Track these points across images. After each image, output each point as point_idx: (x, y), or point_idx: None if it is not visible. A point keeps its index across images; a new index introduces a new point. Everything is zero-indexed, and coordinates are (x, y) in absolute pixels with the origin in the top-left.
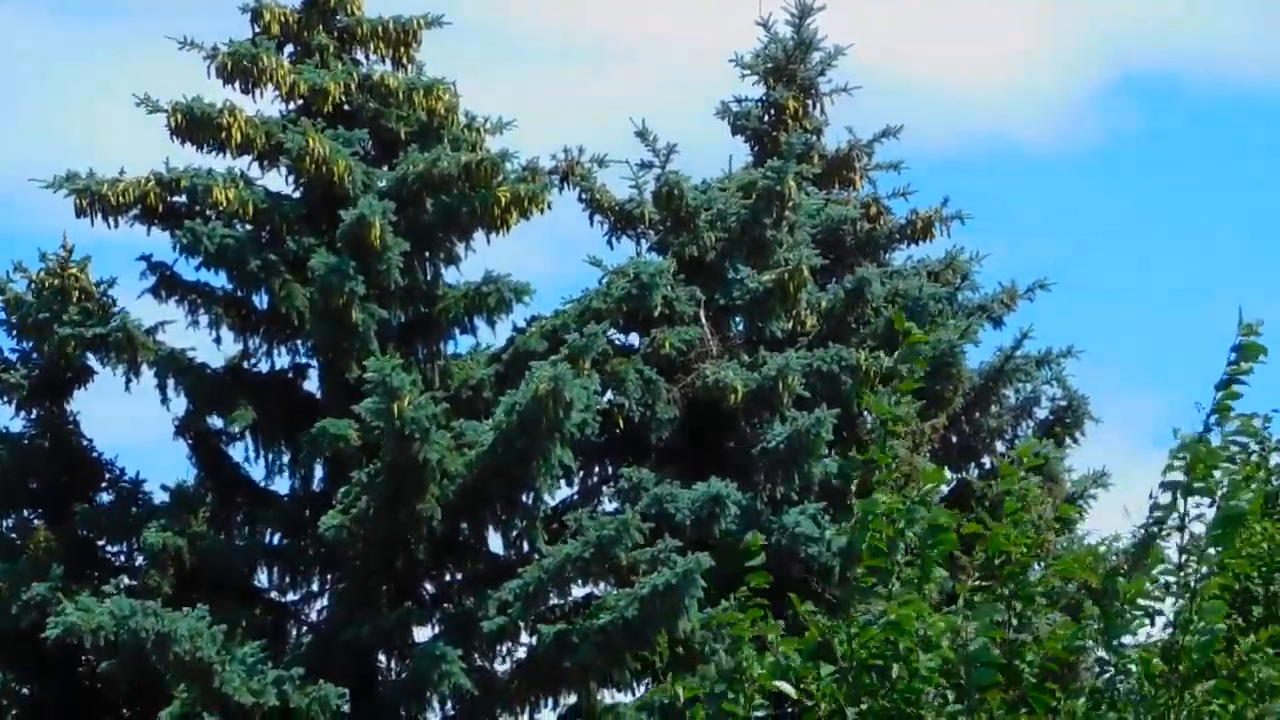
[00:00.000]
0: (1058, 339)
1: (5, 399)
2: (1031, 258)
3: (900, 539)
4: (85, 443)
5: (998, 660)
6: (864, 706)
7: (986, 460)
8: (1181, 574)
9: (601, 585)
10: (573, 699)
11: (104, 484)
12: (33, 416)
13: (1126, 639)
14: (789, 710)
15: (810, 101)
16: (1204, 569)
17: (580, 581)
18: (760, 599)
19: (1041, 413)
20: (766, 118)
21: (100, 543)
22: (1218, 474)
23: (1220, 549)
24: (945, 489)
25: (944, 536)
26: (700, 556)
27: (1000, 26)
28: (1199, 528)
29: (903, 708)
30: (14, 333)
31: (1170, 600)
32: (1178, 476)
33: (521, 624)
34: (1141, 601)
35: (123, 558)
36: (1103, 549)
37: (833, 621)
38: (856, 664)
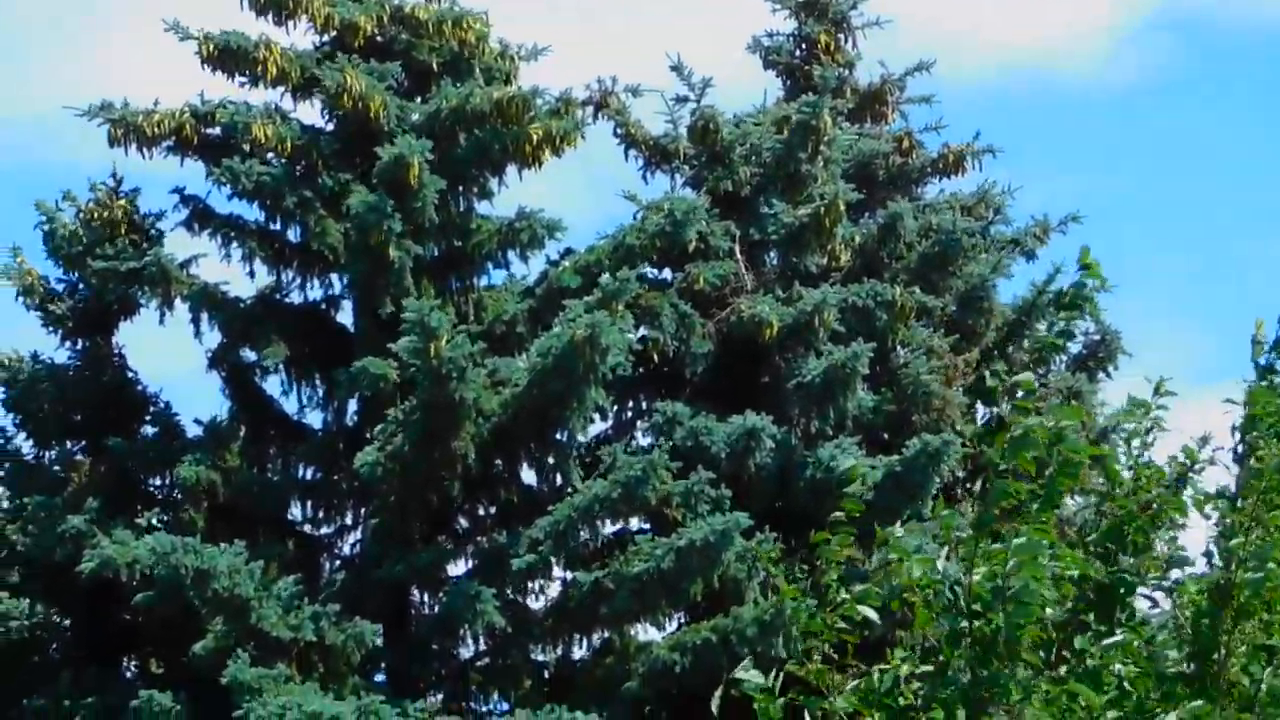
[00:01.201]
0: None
1: (51, 329)
2: (1070, 191)
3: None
4: (129, 375)
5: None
6: (976, 625)
7: (1020, 394)
8: (1238, 507)
9: (635, 521)
10: (606, 634)
11: (147, 417)
12: (78, 348)
13: (1175, 573)
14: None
15: (842, 35)
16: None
17: (610, 519)
18: (849, 526)
19: (1074, 347)
20: (798, 52)
21: (140, 476)
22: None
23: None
24: (978, 422)
25: (1075, 469)
26: (739, 516)
27: None
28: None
29: (1014, 633)
30: (60, 263)
31: (1214, 536)
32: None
33: (552, 560)
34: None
35: (161, 492)
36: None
37: (967, 536)
38: (979, 582)
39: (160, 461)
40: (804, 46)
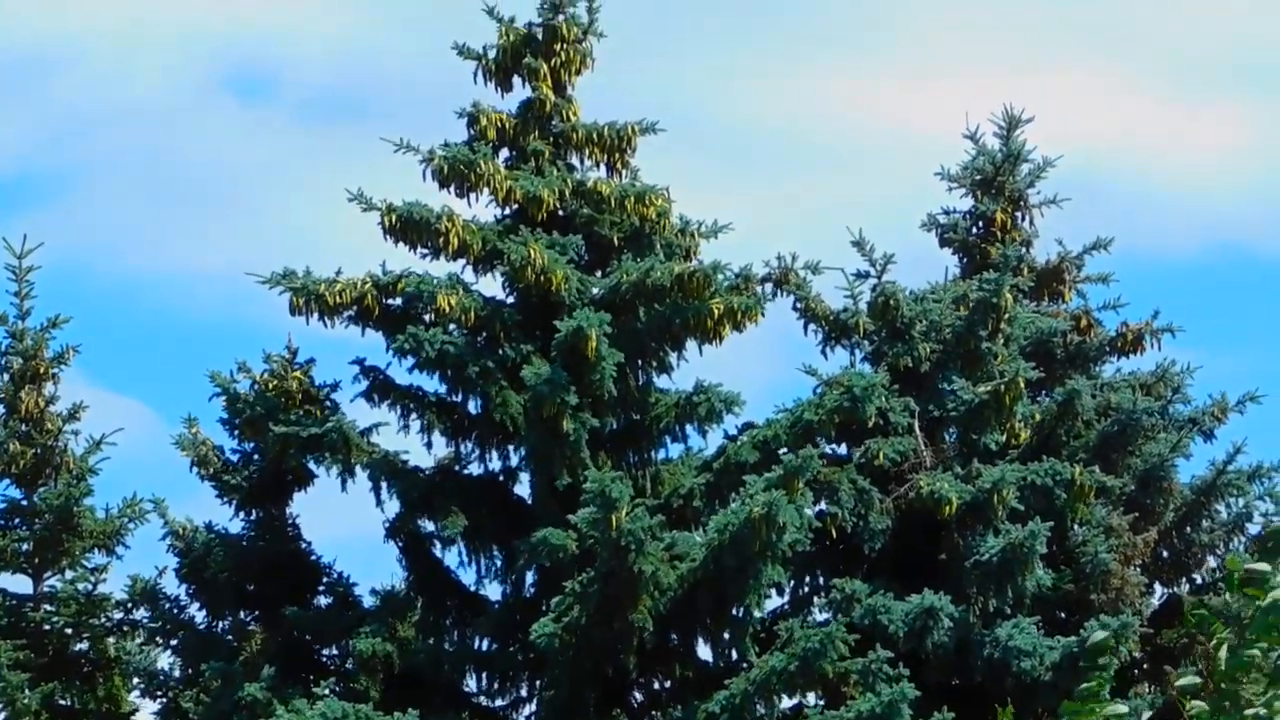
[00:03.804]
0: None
1: (225, 500)
2: (1263, 367)
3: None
4: (304, 545)
5: None
6: None
7: (1198, 576)
8: None
9: (811, 695)
10: None
11: (321, 587)
12: (252, 518)
13: None
14: None
15: (1019, 213)
16: None
17: (787, 694)
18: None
19: (1254, 528)
20: (975, 230)
21: (314, 645)
22: None
23: None
24: (1155, 603)
25: None
26: (905, 687)
27: (1225, 130)
28: None
29: None
30: (234, 432)
31: None
32: None
33: None
34: None
35: (335, 661)
36: None
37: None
38: None
39: (335, 631)
40: (981, 224)
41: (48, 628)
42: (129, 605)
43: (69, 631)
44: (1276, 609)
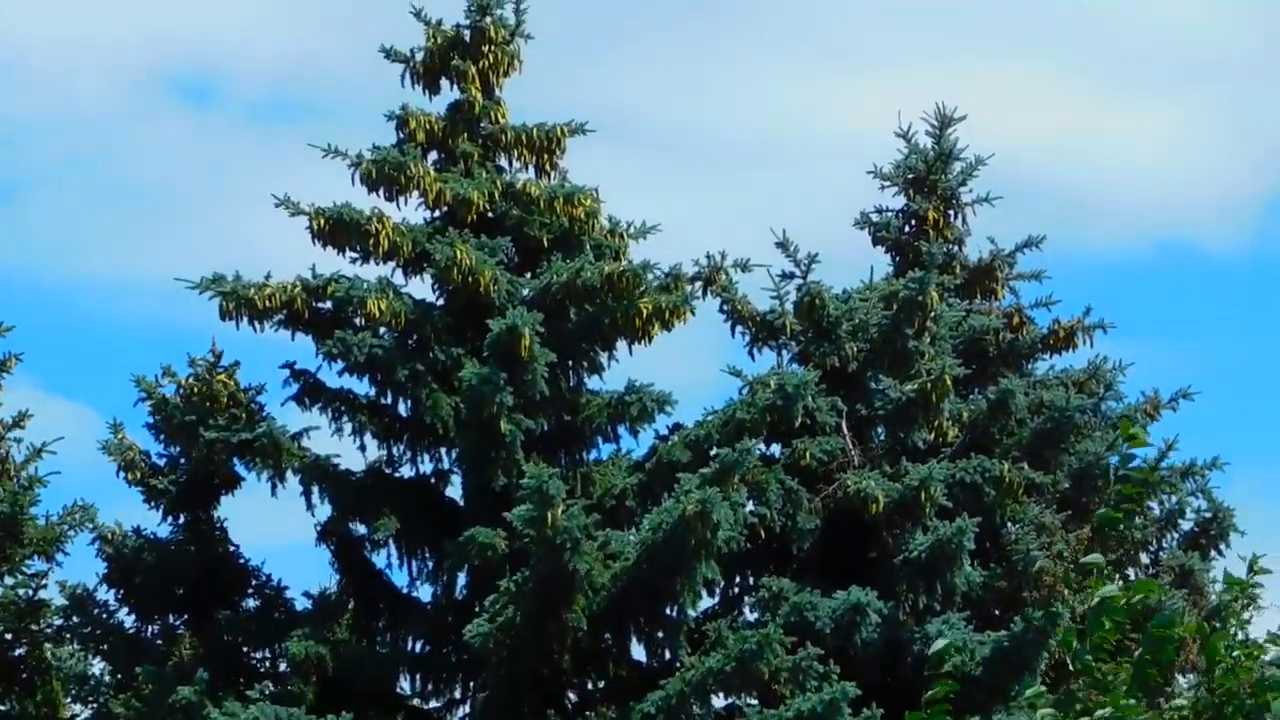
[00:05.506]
0: (1218, 448)
1: (152, 504)
2: (1209, 363)
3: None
4: (232, 549)
5: None
6: None
7: (1131, 572)
8: None
9: (744, 695)
10: None
11: (250, 590)
12: (180, 522)
13: None
14: None
15: (952, 211)
16: None
17: (723, 694)
18: (945, 704)
19: (1186, 524)
20: (907, 228)
21: (244, 649)
22: None
23: None
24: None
25: (1166, 644)
26: (846, 685)
27: (1163, 126)
28: None
29: None
30: (161, 437)
31: None
32: None
33: None
34: None
35: (266, 664)
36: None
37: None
38: None
39: (265, 634)
40: (913, 223)
41: None
42: (68, 611)
43: (9, 637)
44: (1104, 610)
